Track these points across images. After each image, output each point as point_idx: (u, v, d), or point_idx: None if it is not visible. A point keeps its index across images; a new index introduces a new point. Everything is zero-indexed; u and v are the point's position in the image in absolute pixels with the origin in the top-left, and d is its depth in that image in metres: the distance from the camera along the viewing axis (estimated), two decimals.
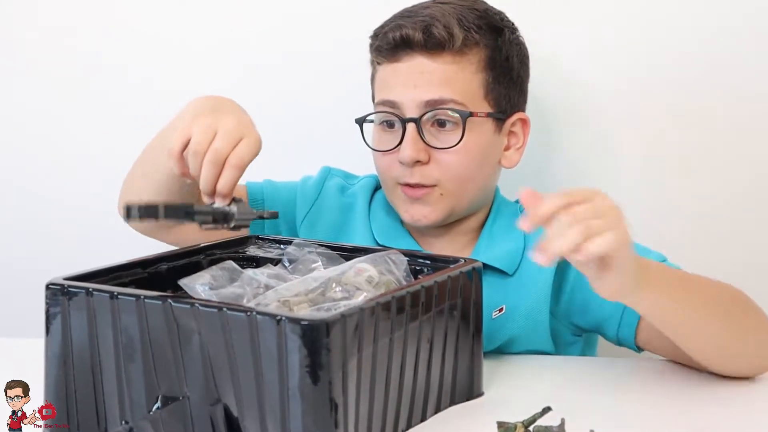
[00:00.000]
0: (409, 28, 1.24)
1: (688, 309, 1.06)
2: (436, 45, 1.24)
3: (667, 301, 1.05)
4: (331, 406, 0.85)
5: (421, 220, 1.27)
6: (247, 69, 1.58)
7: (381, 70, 1.29)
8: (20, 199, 1.64)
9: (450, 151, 1.24)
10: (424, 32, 1.24)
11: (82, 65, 1.61)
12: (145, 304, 0.92)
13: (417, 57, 1.25)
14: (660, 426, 1.00)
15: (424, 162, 1.24)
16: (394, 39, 1.25)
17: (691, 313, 1.07)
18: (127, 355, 0.93)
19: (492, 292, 1.20)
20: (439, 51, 1.24)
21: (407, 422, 0.97)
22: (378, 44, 1.28)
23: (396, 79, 1.26)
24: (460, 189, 1.26)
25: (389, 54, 1.26)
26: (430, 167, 1.24)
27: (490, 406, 1.04)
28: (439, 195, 1.25)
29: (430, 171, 1.25)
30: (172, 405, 0.91)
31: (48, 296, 0.96)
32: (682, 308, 1.06)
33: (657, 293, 1.03)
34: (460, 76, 1.25)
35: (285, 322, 0.85)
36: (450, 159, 1.24)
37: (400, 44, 1.25)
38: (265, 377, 0.87)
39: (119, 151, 1.60)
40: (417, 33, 1.24)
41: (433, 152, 1.25)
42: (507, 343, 1.24)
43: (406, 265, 1.06)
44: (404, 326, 0.95)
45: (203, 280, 1.01)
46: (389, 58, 1.27)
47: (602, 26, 1.52)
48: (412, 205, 1.27)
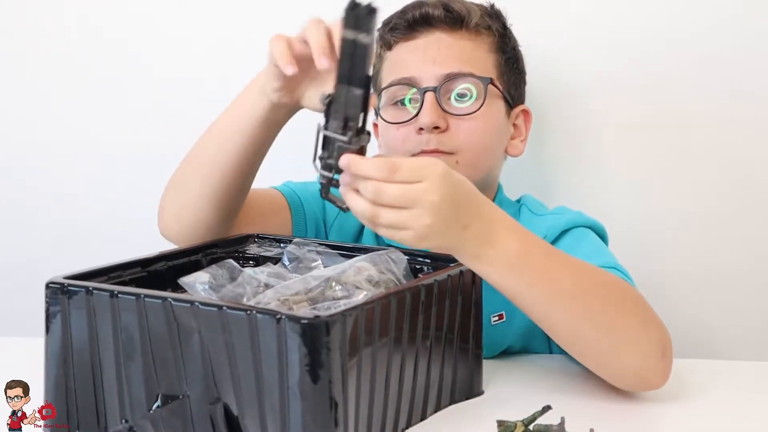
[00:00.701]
0: (429, 6, 1.28)
1: (546, 294, 0.98)
2: (455, 20, 1.27)
3: (519, 281, 0.97)
4: (330, 405, 0.85)
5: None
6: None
7: (394, 52, 1.30)
8: (20, 197, 1.64)
9: (469, 118, 1.25)
10: (444, 8, 1.27)
11: (82, 65, 1.61)
12: (145, 303, 0.92)
13: (435, 32, 1.27)
14: (660, 425, 1.00)
15: (443, 129, 1.24)
16: (413, 17, 1.28)
17: (549, 300, 0.98)
18: (127, 354, 0.93)
19: (492, 297, 1.20)
20: (458, 27, 1.27)
21: (407, 421, 0.97)
22: (394, 23, 1.29)
23: (413, 55, 1.27)
24: (477, 159, 1.26)
25: (406, 31, 1.28)
26: (449, 134, 1.24)
27: (490, 404, 1.04)
28: (455, 163, 1.23)
29: (449, 138, 1.24)
30: (172, 404, 0.91)
31: (48, 295, 0.96)
32: (540, 293, 0.98)
33: (504, 270, 0.96)
34: (477, 54, 1.28)
35: (285, 321, 0.85)
36: (469, 126, 1.25)
37: (419, 21, 1.27)
38: (265, 376, 0.87)
39: (120, 150, 1.61)
40: (437, 10, 1.27)
41: (451, 120, 1.24)
42: (506, 350, 1.24)
43: (406, 263, 1.06)
44: (404, 325, 0.95)
45: (203, 279, 1.01)
46: (406, 36, 1.28)
47: (590, 23, 1.52)
48: None
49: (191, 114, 1.58)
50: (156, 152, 1.59)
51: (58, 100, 1.62)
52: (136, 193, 1.60)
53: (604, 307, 0.99)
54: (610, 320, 0.99)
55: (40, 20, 1.61)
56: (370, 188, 0.89)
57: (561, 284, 0.98)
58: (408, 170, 0.89)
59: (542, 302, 0.99)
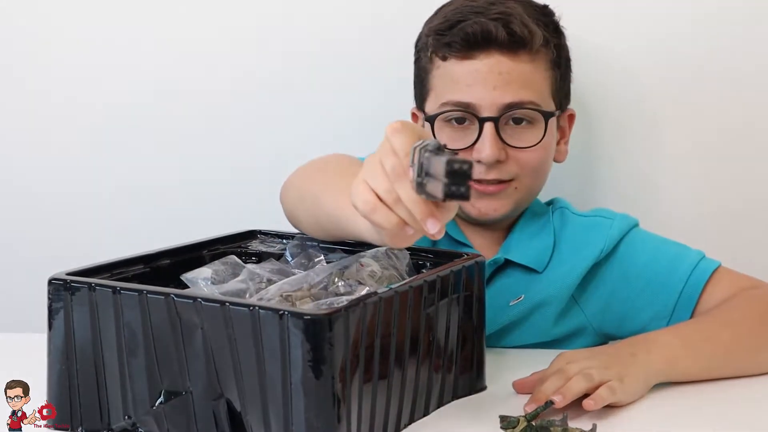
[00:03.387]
0: (490, 24, 1.21)
1: (713, 357, 1.12)
2: (517, 43, 1.21)
3: (688, 363, 1.10)
4: (333, 401, 0.85)
5: (490, 214, 1.26)
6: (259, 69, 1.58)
7: (448, 67, 1.24)
8: (22, 194, 1.64)
9: (529, 150, 1.24)
10: (505, 28, 1.21)
11: (83, 64, 1.61)
12: (148, 299, 0.92)
13: (494, 55, 1.22)
14: (663, 420, 1.00)
15: (503, 160, 1.23)
16: (473, 34, 1.21)
17: (720, 358, 1.12)
18: (129, 350, 0.93)
19: (517, 287, 1.24)
20: (518, 50, 1.22)
21: (410, 417, 0.97)
22: (450, 39, 1.23)
23: (472, 79, 1.22)
24: (534, 182, 1.27)
25: (463, 50, 1.22)
26: (509, 164, 1.23)
27: (492, 400, 1.04)
28: (513, 189, 1.25)
29: (509, 167, 1.24)
30: (174, 400, 0.92)
31: (51, 291, 0.96)
32: (708, 359, 1.11)
33: (675, 371, 1.09)
34: (536, 77, 1.24)
35: (288, 317, 0.85)
36: (529, 156, 1.24)
37: (479, 41, 1.21)
38: (267, 372, 0.87)
39: (123, 146, 1.61)
40: (499, 30, 1.21)
41: (510, 150, 1.23)
42: (508, 327, 1.26)
43: (408, 259, 1.06)
44: (407, 321, 0.95)
45: (206, 275, 1.01)
46: (462, 54, 1.23)
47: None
48: (480, 200, 1.25)
49: (191, 114, 1.59)
50: (156, 152, 1.59)
51: (58, 99, 1.62)
52: (138, 190, 1.60)
53: (755, 330, 1.15)
54: (764, 338, 1.15)
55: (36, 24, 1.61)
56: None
57: (723, 345, 1.13)
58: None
59: (716, 367, 1.12)
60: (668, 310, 1.23)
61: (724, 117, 1.51)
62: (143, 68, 1.59)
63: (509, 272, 1.27)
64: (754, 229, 1.54)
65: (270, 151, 1.52)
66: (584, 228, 1.29)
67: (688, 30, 1.50)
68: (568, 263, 1.26)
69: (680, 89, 1.51)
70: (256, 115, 1.57)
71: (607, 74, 1.51)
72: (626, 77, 1.51)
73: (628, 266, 1.26)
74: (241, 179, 1.58)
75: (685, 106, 1.52)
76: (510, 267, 1.27)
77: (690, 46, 1.50)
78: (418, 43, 1.31)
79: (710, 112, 1.51)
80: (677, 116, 1.52)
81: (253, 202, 1.54)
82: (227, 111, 1.58)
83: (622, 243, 1.27)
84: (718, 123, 1.51)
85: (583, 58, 1.40)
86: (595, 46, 1.50)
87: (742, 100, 1.51)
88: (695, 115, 1.52)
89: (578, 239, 1.28)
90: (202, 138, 1.58)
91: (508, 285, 1.26)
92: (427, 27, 1.29)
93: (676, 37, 1.50)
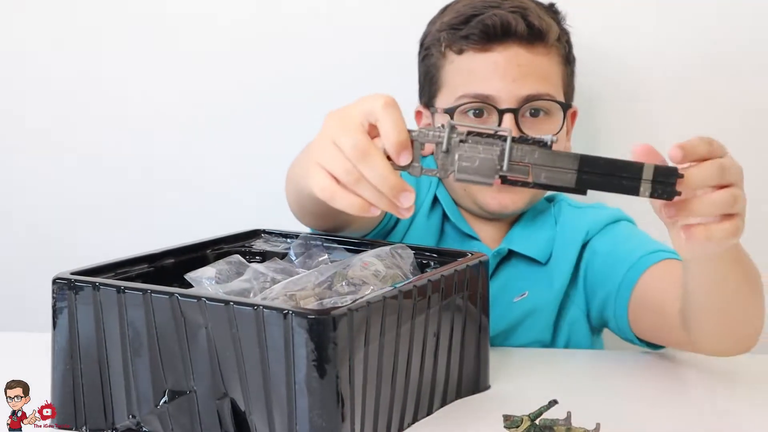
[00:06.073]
0: (509, 17, 1.22)
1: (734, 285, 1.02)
2: (535, 36, 1.23)
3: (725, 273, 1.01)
4: (337, 400, 0.86)
5: (509, 206, 1.27)
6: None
7: (464, 60, 1.25)
8: (25, 193, 1.64)
9: None
10: (524, 20, 1.22)
11: (83, 64, 1.61)
12: (152, 298, 0.92)
13: (513, 47, 1.23)
14: (666, 419, 1.00)
15: None
16: (493, 26, 1.22)
17: (734, 291, 1.03)
18: (134, 350, 0.93)
19: (521, 281, 1.25)
20: (536, 42, 1.23)
21: (413, 416, 0.97)
22: (466, 32, 1.24)
23: (491, 71, 1.23)
24: None
25: (481, 42, 1.23)
26: None
27: (496, 399, 1.04)
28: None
29: None
30: (179, 399, 0.92)
31: (55, 290, 0.96)
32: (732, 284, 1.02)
33: (722, 265, 1.00)
34: (552, 70, 1.26)
35: (292, 316, 0.85)
36: None
37: (498, 33, 1.22)
38: (272, 371, 0.87)
39: (126, 146, 1.61)
40: (519, 22, 1.22)
41: None
42: (512, 325, 1.26)
43: (412, 258, 1.06)
44: (411, 320, 0.95)
45: (210, 275, 1.01)
46: (480, 46, 1.23)
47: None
48: (500, 193, 1.25)
49: (196, 113, 1.59)
50: (160, 151, 1.59)
51: (63, 99, 1.62)
52: (142, 190, 1.60)
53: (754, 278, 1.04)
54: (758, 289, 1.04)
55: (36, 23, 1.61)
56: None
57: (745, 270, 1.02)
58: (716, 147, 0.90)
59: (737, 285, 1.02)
60: (614, 292, 1.20)
61: (725, 117, 1.51)
62: (149, 69, 1.60)
63: (513, 263, 1.29)
64: (754, 228, 1.53)
65: (274, 151, 1.52)
66: (578, 216, 1.31)
67: (688, 30, 1.51)
68: (565, 253, 1.27)
69: (680, 89, 1.52)
70: (261, 115, 1.58)
71: (607, 74, 1.51)
72: (626, 77, 1.52)
73: (602, 244, 1.26)
74: (245, 178, 1.59)
75: (685, 106, 1.52)
76: (514, 258, 1.29)
77: (690, 46, 1.51)
78: (425, 41, 1.32)
79: (710, 112, 1.52)
80: (677, 116, 1.52)
81: (257, 202, 1.54)
82: (232, 111, 1.58)
83: (612, 227, 1.27)
84: (719, 123, 1.51)
85: (583, 59, 1.41)
86: (595, 46, 1.51)
87: (743, 100, 1.51)
88: (695, 115, 1.52)
89: (573, 227, 1.29)
90: (206, 138, 1.59)
91: (512, 277, 1.27)
92: (438, 23, 1.29)
93: (676, 37, 1.51)
